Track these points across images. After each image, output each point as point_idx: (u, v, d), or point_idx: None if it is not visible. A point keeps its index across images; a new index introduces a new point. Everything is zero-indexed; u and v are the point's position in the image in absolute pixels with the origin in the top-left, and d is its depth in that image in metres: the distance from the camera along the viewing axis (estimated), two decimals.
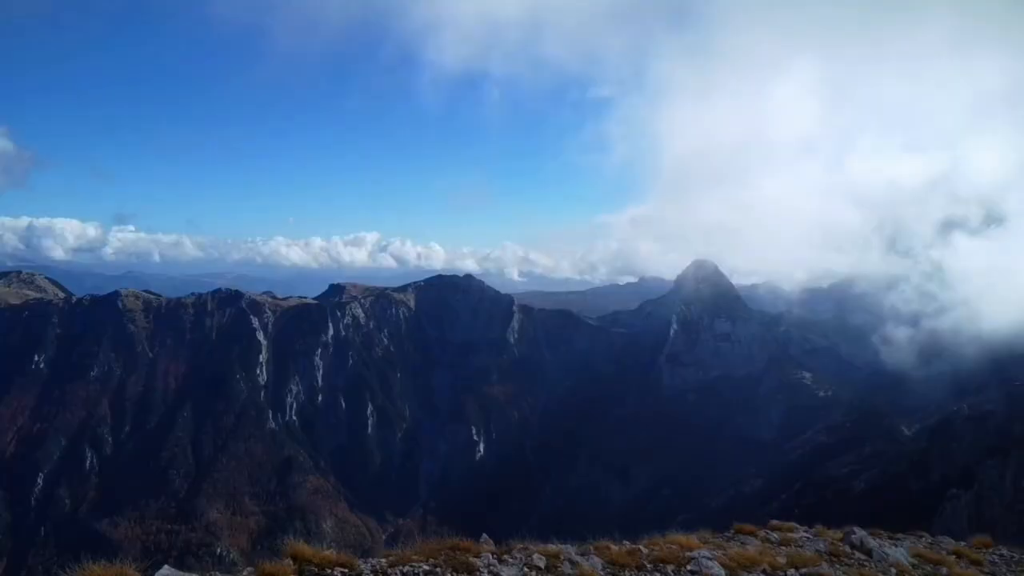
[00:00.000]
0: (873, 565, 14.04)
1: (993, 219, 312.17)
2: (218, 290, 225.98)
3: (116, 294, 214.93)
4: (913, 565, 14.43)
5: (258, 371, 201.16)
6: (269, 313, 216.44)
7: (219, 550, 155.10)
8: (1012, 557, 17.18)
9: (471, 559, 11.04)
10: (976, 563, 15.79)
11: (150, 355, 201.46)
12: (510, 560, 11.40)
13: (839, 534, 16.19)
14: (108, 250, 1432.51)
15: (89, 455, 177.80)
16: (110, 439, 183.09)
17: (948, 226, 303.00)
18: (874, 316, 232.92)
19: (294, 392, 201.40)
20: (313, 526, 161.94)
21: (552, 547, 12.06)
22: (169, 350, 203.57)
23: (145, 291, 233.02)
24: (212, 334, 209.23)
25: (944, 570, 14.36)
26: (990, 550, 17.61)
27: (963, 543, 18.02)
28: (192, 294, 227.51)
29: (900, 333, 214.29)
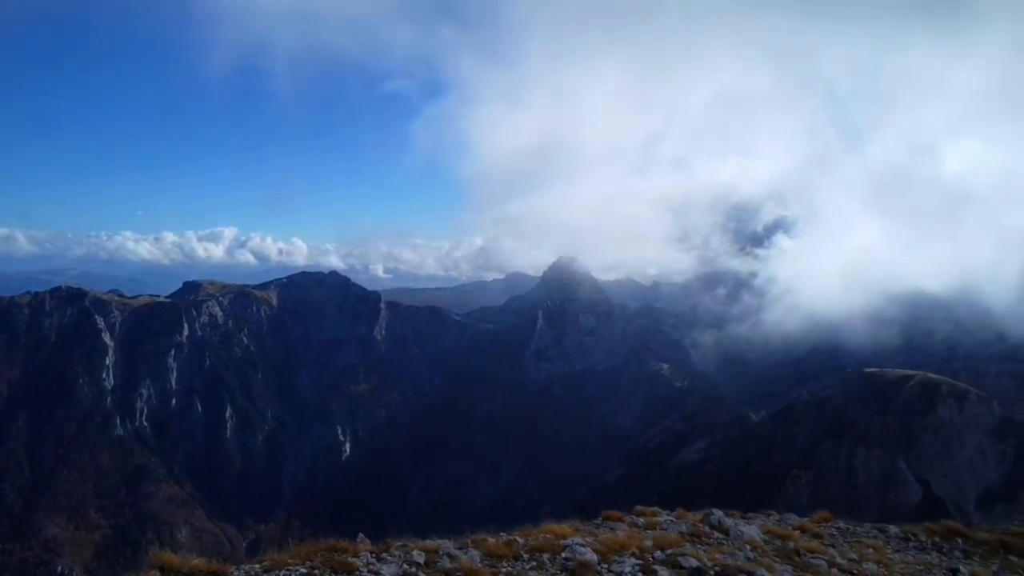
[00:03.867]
0: (731, 543, 15.03)
1: (808, 217, 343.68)
2: (58, 288, 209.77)
3: None
4: (765, 541, 15.55)
5: (104, 374, 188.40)
6: (116, 312, 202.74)
7: (60, 568, 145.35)
8: (847, 529, 18.84)
9: (349, 559, 10.90)
10: (817, 536, 17.18)
11: None
12: (389, 558, 11.35)
13: (699, 516, 17.13)
14: None
15: None
16: None
17: (772, 225, 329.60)
18: (714, 309, 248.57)
19: (145, 396, 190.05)
20: (167, 536, 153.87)
21: (430, 543, 12.10)
22: (0, 354, 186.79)
23: None
24: (51, 336, 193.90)
25: (791, 544, 15.53)
26: (829, 524, 19.19)
27: (806, 519, 19.52)
28: (27, 292, 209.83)
29: (738, 326, 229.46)
